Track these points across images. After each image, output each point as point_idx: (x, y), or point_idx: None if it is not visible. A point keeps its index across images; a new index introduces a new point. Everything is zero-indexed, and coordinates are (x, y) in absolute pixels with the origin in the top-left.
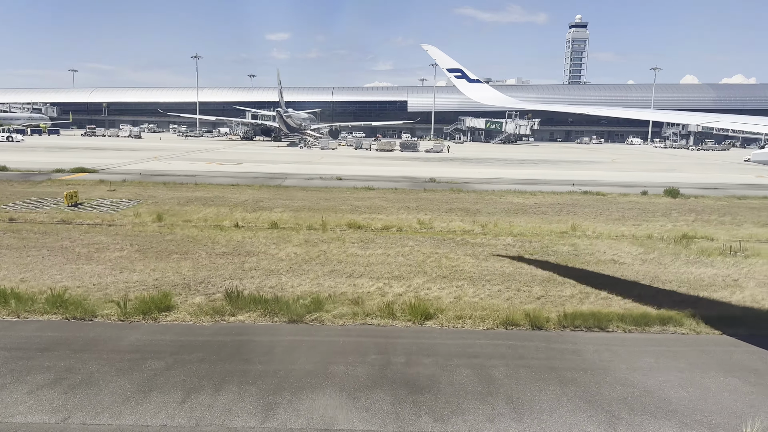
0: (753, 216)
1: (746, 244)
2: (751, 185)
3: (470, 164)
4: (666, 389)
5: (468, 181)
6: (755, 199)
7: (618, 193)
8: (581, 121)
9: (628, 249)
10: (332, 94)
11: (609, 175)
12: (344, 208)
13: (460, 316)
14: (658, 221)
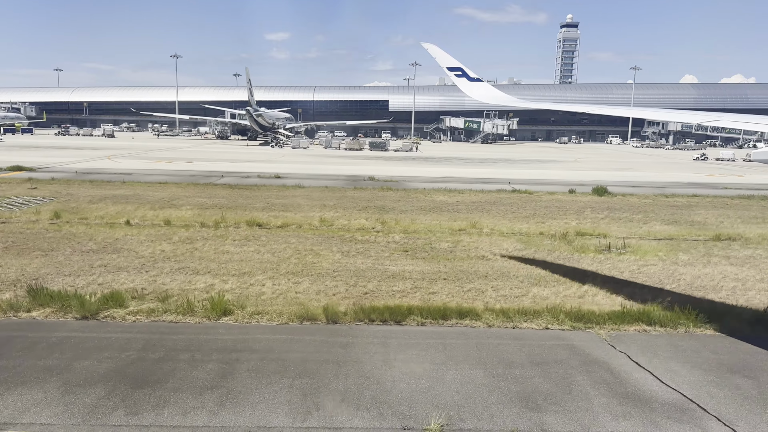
0: (667, 214)
1: (639, 241)
2: (693, 183)
3: (428, 163)
4: (404, 381)
5: (408, 180)
6: (682, 197)
7: (547, 192)
8: (563, 120)
9: (507, 246)
10: (314, 93)
11: (557, 174)
12: (258, 206)
13: (259, 312)
14: (565, 219)
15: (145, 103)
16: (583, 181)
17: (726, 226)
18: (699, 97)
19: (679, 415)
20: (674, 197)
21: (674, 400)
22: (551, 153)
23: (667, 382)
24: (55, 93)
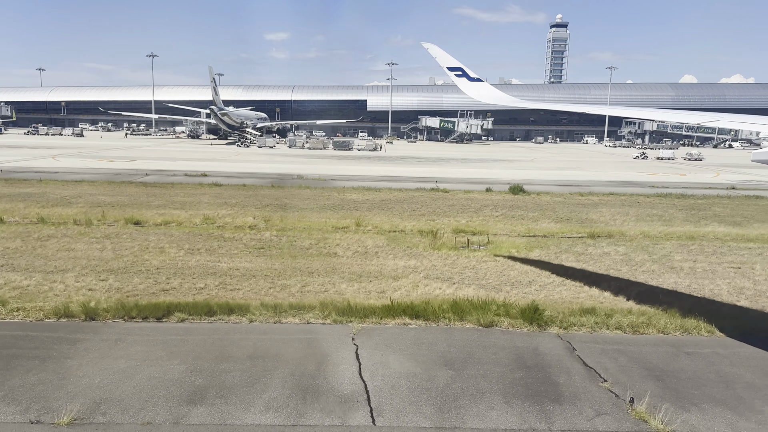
0: (566, 212)
1: (509, 238)
2: (624, 182)
3: (380, 162)
4: (93, 377)
5: (337, 178)
6: (598, 195)
7: (465, 190)
8: (543, 120)
9: (371, 243)
10: (292, 92)
11: (497, 173)
12: (155, 204)
13: (19, 308)
14: (458, 216)
15: (124, 102)
16: (514, 180)
17: (614, 223)
18: (676, 97)
19: (350, 404)
20: (590, 195)
21: (353, 391)
22: (515, 153)
23: (366, 377)
24: (33, 93)
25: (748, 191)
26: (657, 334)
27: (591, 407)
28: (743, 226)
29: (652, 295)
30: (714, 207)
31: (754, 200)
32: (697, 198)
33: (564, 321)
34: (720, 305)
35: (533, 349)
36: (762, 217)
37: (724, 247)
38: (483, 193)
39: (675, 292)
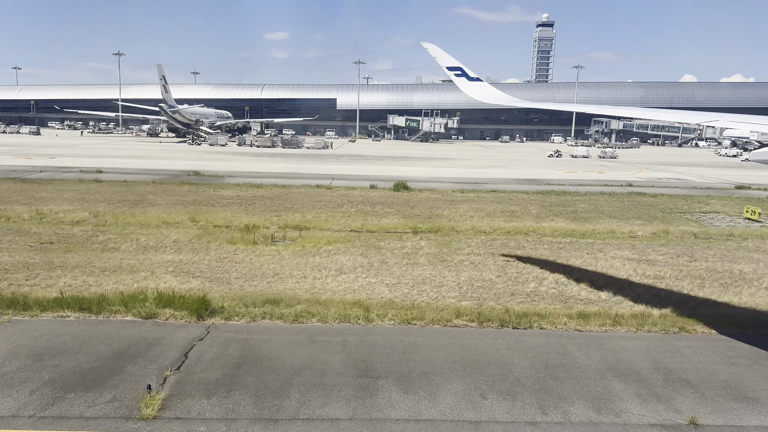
0: (425, 208)
1: (331, 233)
2: (528, 180)
3: (309, 160)
4: None
5: (237, 175)
6: (481, 192)
7: (349, 187)
8: (515, 119)
9: (179, 236)
10: (262, 90)
11: (413, 171)
12: (15, 200)
13: None
14: (308, 212)
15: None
16: (421, 178)
17: (461, 219)
18: (646, 96)
19: None
20: (472, 192)
21: None
22: (465, 152)
23: None
24: (3, 91)
25: (642, 188)
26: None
27: None
28: (586, 222)
29: (370, 286)
30: (581, 203)
31: (630, 197)
32: (578, 195)
33: (231, 312)
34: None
35: (144, 338)
36: (618, 213)
37: (535, 242)
38: (365, 190)
39: (399, 284)
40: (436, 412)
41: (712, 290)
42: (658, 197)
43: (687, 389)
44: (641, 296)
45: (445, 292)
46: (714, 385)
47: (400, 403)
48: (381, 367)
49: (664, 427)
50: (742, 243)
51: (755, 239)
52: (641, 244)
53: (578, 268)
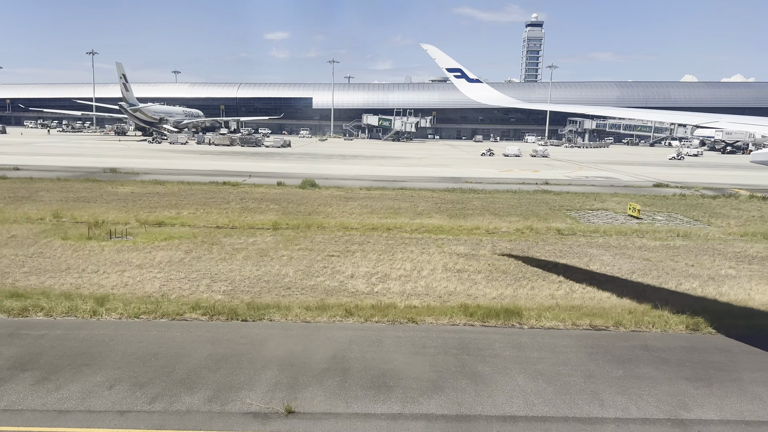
0: (314, 206)
1: (190, 230)
2: (450, 178)
3: (253, 158)
4: None
5: (153, 173)
6: (387, 190)
7: (256, 184)
8: (492, 119)
9: (17, 231)
10: (238, 89)
11: (347, 169)
12: None
13: None
14: (186, 209)
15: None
16: (342, 176)
17: (340, 216)
18: (621, 96)
19: None
20: (380, 190)
21: None
22: (424, 151)
23: None
24: None
25: (558, 186)
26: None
27: None
28: (462, 218)
29: (148, 281)
30: (476, 201)
31: (535, 194)
32: (483, 192)
33: None
34: None
35: None
36: (505, 210)
37: (385, 238)
38: (269, 187)
39: (182, 279)
40: None
41: (499, 284)
42: (562, 195)
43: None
44: (405, 290)
45: (214, 286)
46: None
47: None
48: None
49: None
50: (596, 239)
51: (613, 235)
52: (489, 239)
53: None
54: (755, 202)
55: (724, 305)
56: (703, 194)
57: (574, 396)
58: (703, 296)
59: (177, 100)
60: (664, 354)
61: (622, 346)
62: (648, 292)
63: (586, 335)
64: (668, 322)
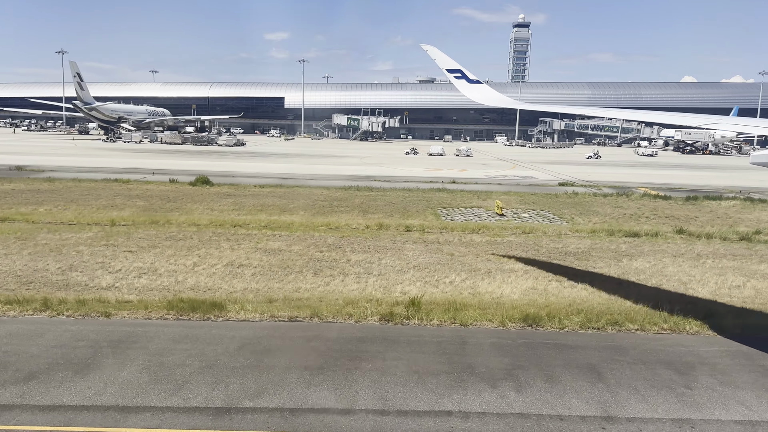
0: (182, 203)
1: (20, 225)
2: (364, 177)
3: (184, 156)
4: None
5: (60, 170)
6: (286, 187)
7: (149, 181)
8: (465, 119)
9: None
10: (210, 88)
11: (265, 168)
12: None
13: None
14: (49, 205)
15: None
16: (250, 173)
17: (201, 212)
18: (593, 96)
19: None
20: (272, 187)
21: None
22: (373, 151)
23: None
24: None
25: (463, 185)
26: None
27: None
28: (326, 215)
29: None
30: (357, 199)
31: (426, 192)
32: (378, 190)
33: None
34: None
35: None
36: (379, 208)
37: (218, 234)
38: (158, 184)
39: None
40: None
41: (260, 278)
42: (455, 193)
43: None
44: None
45: None
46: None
47: None
48: None
49: None
50: (427, 235)
51: (454, 232)
52: (321, 235)
53: (168, 257)
54: (643, 200)
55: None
56: (595, 192)
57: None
58: (460, 291)
59: (148, 99)
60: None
61: (307, 336)
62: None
63: (282, 326)
64: (366, 313)
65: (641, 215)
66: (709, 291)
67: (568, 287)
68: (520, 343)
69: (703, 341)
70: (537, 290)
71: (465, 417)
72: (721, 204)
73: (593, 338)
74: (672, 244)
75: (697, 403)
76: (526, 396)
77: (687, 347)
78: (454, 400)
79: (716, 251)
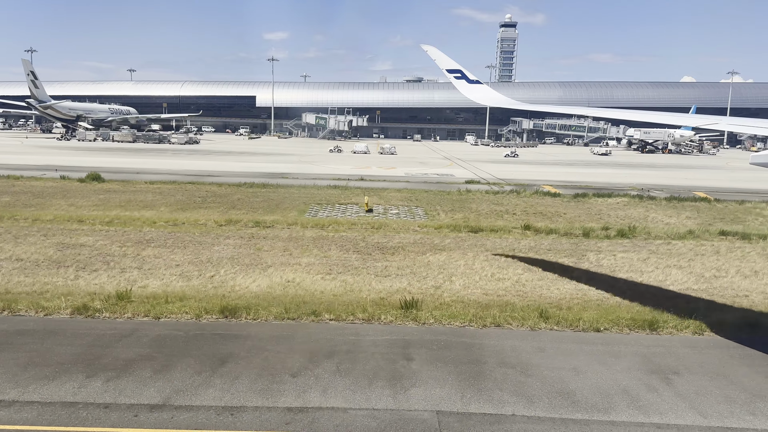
0: (54, 199)
1: None
2: (280, 174)
3: (120, 154)
4: None
5: None
6: (179, 184)
7: (36, 177)
8: (439, 119)
9: None
10: (181, 87)
11: (185, 165)
12: None
13: None
14: None
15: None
16: (156, 170)
17: (66, 208)
18: (563, 96)
19: None
20: (164, 184)
21: None
22: (321, 150)
23: None
24: None
25: (367, 183)
26: None
27: None
28: (186, 211)
29: None
30: (237, 195)
31: (323, 189)
32: (270, 187)
33: None
34: None
35: None
36: (255, 206)
37: (32, 229)
38: (48, 180)
39: None
40: None
41: (18, 273)
42: (347, 190)
43: None
44: None
45: None
46: None
47: None
48: None
49: None
50: (270, 231)
51: (294, 227)
52: (158, 230)
53: None
54: (532, 197)
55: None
56: (493, 190)
57: None
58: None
59: (120, 98)
60: None
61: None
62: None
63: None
64: (59, 306)
65: (511, 212)
66: (462, 284)
67: (319, 279)
68: (186, 336)
69: (409, 331)
70: (293, 283)
71: None
72: (607, 201)
73: (280, 328)
74: (500, 239)
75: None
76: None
77: (354, 335)
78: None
79: (535, 246)
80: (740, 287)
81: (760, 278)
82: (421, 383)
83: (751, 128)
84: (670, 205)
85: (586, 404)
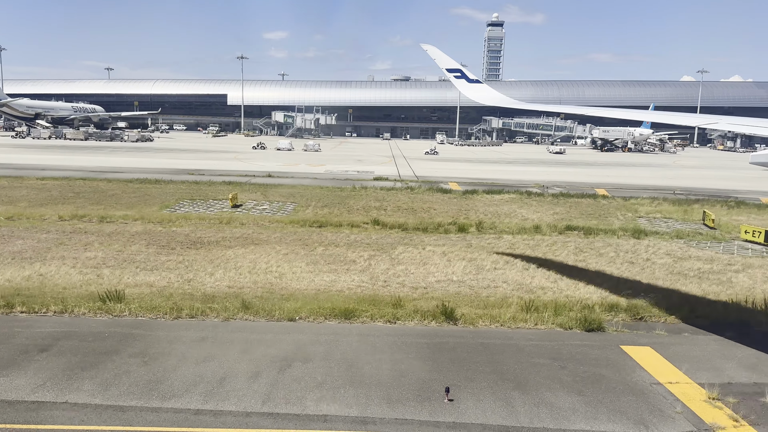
0: None
1: None
2: (196, 170)
3: (53, 151)
4: None
5: None
6: (66, 180)
7: None
8: (413, 118)
9: None
10: (153, 85)
11: (119, 162)
12: None
13: None
14: None
15: None
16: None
17: None
18: (535, 94)
19: None
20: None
21: None
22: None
23: None
24: None
25: (272, 179)
26: None
27: None
28: (41, 207)
29: None
30: (112, 191)
31: (212, 185)
32: (162, 182)
33: None
34: None
35: None
36: (124, 199)
37: None
38: None
39: None
40: None
41: None
42: (233, 185)
43: None
44: None
45: None
46: None
47: None
48: None
49: None
50: (102, 227)
51: (135, 222)
52: None
53: None
54: (425, 194)
55: None
56: (392, 187)
57: None
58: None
59: (91, 96)
60: None
61: None
62: None
63: None
64: None
65: (385, 207)
66: (222, 277)
67: (75, 273)
68: None
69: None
70: (41, 275)
71: None
72: (493, 198)
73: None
74: (334, 234)
75: None
76: None
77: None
78: None
79: (356, 241)
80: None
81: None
82: None
83: (751, 128)
84: (551, 202)
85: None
